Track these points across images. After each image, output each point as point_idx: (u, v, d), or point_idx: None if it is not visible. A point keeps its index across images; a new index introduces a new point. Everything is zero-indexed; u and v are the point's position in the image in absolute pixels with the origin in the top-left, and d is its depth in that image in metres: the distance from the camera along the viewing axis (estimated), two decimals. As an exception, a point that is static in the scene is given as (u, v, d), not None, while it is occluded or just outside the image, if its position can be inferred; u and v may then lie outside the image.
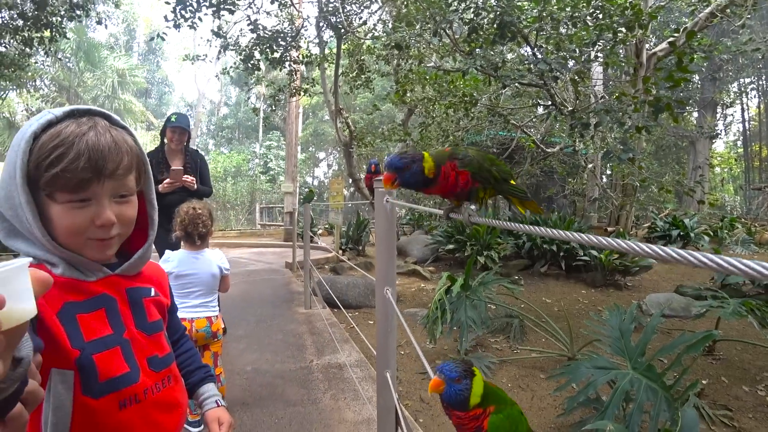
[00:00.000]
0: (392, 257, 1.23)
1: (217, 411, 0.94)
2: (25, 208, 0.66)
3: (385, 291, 1.23)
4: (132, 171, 0.73)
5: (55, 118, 0.68)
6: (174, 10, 6.41)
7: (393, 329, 1.31)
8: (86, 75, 19.51)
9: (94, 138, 0.67)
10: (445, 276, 3.62)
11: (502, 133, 10.84)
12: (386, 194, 1.18)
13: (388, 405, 1.51)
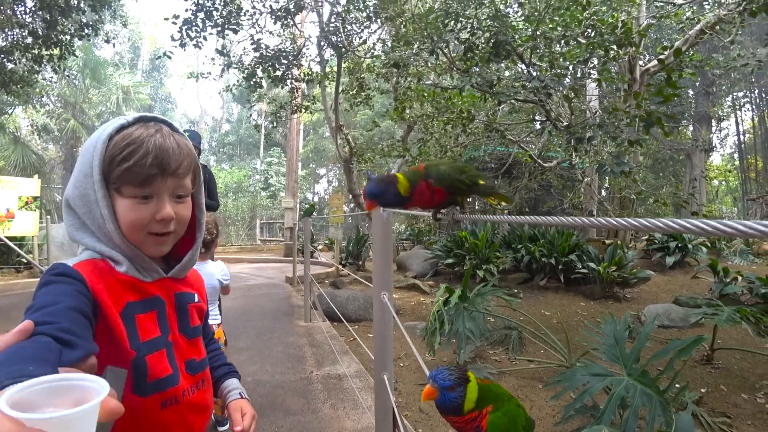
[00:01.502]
0: (388, 263, 1.30)
1: (240, 402, 0.97)
2: (101, 203, 0.72)
3: (382, 296, 1.29)
4: (189, 173, 0.80)
5: (126, 122, 0.76)
6: (180, 30, 6.60)
7: (389, 333, 1.37)
8: (92, 91, 19.86)
9: (161, 139, 0.74)
10: (443, 288, 3.68)
11: (499, 148, 10.98)
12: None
13: (385, 408, 1.56)
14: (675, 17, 6.50)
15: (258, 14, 7.72)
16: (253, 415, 0.97)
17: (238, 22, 7.01)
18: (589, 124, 5.37)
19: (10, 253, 8.77)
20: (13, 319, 5.19)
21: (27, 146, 17.83)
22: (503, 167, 10.88)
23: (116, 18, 9.92)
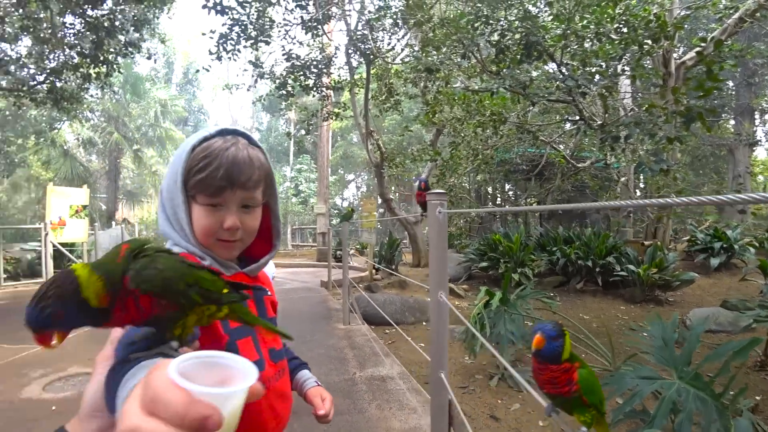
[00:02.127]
0: (444, 263, 1.35)
1: (318, 388, 1.04)
2: (182, 208, 0.80)
3: (439, 295, 1.34)
4: (260, 185, 0.84)
5: (209, 135, 0.82)
6: (217, 44, 6.87)
7: (446, 331, 1.42)
8: (132, 105, 20.91)
9: (234, 153, 0.79)
10: (484, 291, 3.68)
11: (530, 150, 10.83)
12: (439, 205, 1.30)
13: (441, 404, 1.60)
14: (712, 7, 6.26)
15: (289, 26, 7.95)
16: (331, 399, 1.05)
17: (269, 34, 7.25)
18: (624, 122, 5.25)
19: (62, 257, 9.30)
20: None
21: (75, 158, 18.94)
22: (536, 169, 10.73)
23: (155, 36, 10.41)
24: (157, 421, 0.28)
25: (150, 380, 0.30)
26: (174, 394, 0.28)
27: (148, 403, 0.28)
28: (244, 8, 6.98)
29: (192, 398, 0.28)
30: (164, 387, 0.29)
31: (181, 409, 0.28)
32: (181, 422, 0.28)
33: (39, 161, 18.16)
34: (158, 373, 0.30)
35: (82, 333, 3.43)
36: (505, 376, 3.70)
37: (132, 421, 0.28)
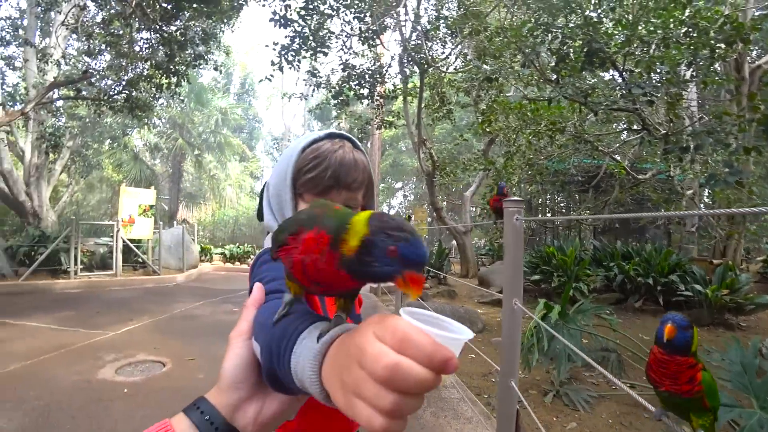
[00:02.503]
0: (519, 270, 1.35)
1: None
2: (289, 204, 0.86)
3: (513, 302, 1.34)
4: (362, 187, 0.88)
5: (318, 137, 0.87)
6: (279, 55, 7.23)
7: (518, 339, 1.41)
8: (195, 113, 22.34)
9: (342, 155, 0.83)
10: (542, 303, 3.58)
11: (587, 160, 10.42)
12: (516, 212, 1.31)
13: (508, 414, 1.59)
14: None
15: (346, 37, 8.21)
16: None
17: (328, 45, 7.54)
18: (695, 131, 4.95)
19: (130, 253, 10.01)
20: (134, 309, 5.96)
21: (143, 162, 20.49)
22: (592, 180, 10.30)
23: (220, 48, 11.08)
24: (411, 360, 0.31)
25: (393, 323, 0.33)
26: (423, 337, 0.31)
27: (398, 343, 0.31)
28: (306, 21, 7.31)
29: (436, 342, 0.32)
30: (413, 329, 0.32)
31: (430, 350, 0.31)
32: (429, 362, 0.31)
33: (112, 164, 19.79)
34: (399, 320, 0.33)
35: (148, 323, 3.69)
36: (560, 393, 3.57)
37: (390, 358, 0.31)
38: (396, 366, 0.30)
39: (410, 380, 0.30)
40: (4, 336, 4.21)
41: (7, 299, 6.25)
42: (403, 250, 0.39)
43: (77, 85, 9.91)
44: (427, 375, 0.31)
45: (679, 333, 1.13)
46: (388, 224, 0.40)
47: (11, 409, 2.68)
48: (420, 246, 0.39)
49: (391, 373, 0.30)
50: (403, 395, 0.31)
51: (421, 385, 0.31)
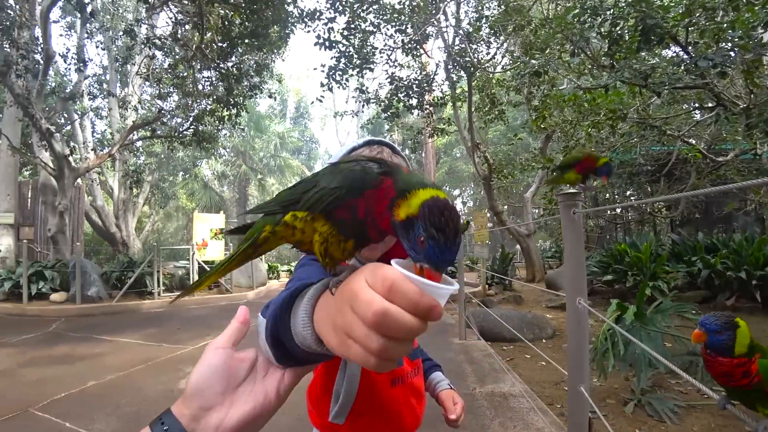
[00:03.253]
0: (581, 267, 1.26)
1: (450, 392, 1.04)
2: None
3: (577, 302, 1.26)
4: None
5: (357, 145, 0.88)
6: (327, 76, 7.52)
7: (586, 341, 1.32)
8: (255, 140, 23.84)
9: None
10: (615, 304, 3.33)
11: (655, 148, 9.62)
12: (574, 206, 1.24)
13: (580, 422, 1.48)
14: None
15: (390, 51, 8.36)
16: (463, 405, 1.02)
17: (373, 60, 7.71)
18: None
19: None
20: (211, 325, 6.36)
21: (212, 189, 22.15)
22: (663, 168, 9.48)
23: (273, 77, 11.74)
24: (397, 307, 0.33)
25: (383, 272, 0.35)
26: (409, 285, 0.33)
27: (387, 290, 0.33)
28: (349, 40, 7.55)
29: (421, 290, 0.33)
30: (401, 279, 0.34)
31: (416, 297, 0.33)
32: (415, 309, 0.33)
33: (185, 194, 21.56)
34: (386, 267, 0.35)
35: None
36: (642, 402, 3.27)
37: (380, 304, 0.33)
38: (384, 312, 0.32)
39: (397, 326, 0.32)
40: (101, 351, 4.71)
41: (104, 319, 6.98)
42: (429, 248, 0.40)
43: (152, 126, 10.96)
44: (413, 321, 0.33)
45: (710, 337, 1.09)
46: (433, 216, 0.40)
47: (109, 415, 2.98)
48: (446, 252, 0.40)
49: (379, 318, 0.32)
50: (391, 339, 0.33)
51: (407, 331, 0.33)
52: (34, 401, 3.23)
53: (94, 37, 12.84)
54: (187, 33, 8.96)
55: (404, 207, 0.43)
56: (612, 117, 6.05)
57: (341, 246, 0.49)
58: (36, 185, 11.82)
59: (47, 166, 9.43)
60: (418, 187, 0.44)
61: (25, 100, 8.23)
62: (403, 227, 0.43)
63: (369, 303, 0.33)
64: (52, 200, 9.75)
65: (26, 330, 5.98)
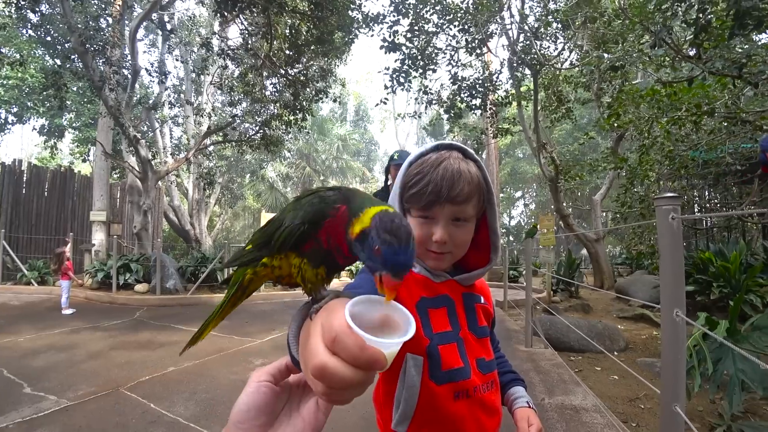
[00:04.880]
0: (680, 277, 1.15)
1: (527, 411, 0.95)
2: None
3: (674, 314, 1.16)
4: (471, 199, 0.82)
5: (426, 150, 0.86)
6: (391, 79, 7.59)
7: (683, 356, 1.21)
8: (318, 143, 24.71)
9: (444, 167, 0.81)
10: (703, 317, 3.04)
11: (746, 145, 8.65)
12: (672, 211, 1.13)
13: (673, 445, 1.36)
14: None
15: (453, 51, 8.26)
16: (539, 428, 0.92)
17: (436, 60, 7.67)
18: None
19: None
20: (276, 320, 6.66)
21: (277, 190, 23.25)
22: (756, 168, 8.49)
23: (336, 81, 12.08)
24: (338, 359, 0.35)
25: (330, 323, 0.37)
26: (351, 339, 0.35)
27: (329, 343, 0.35)
28: (413, 42, 7.56)
29: (364, 344, 0.35)
30: (343, 331, 0.35)
31: (356, 351, 0.34)
32: (355, 362, 0.34)
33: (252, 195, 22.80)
34: (337, 315, 0.37)
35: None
36: (734, 429, 2.94)
37: (320, 358, 0.35)
38: (322, 367, 0.35)
39: (335, 379, 0.34)
40: (178, 339, 5.11)
41: (180, 309, 7.56)
42: (385, 253, 0.43)
43: (224, 131, 11.70)
44: (352, 374, 0.34)
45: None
46: (385, 225, 0.44)
47: (187, 399, 3.21)
48: (402, 254, 0.43)
49: (318, 372, 0.35)
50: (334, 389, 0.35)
51: (346, 384, 0.34)
52: (123, 382, 3.56)
53: (173, 52, 13.97)
54: (256, 42, 9.47)
55: (357, 224, 0.46)
56: (696, 113, 5.52)
57: (314, 272, 0.53)
58: (124, 186, 13.09)
59: (134, 170, 10.39)
60: (368, 206, 0.47)
61: (116, 111, 9.13)
62: (359, 242, 0.46)
63: (313, 354, 0.36)
64: (137, 200, 10.72)
65: (115, 316, 6.62)
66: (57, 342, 4.91)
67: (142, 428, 2.71)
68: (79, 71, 9.43)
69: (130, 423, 2.78)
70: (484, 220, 0.89)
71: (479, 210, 0.87)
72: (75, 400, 3.12)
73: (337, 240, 0.50)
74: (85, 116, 16.50)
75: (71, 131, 17.72)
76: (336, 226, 0.50)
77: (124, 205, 13.55)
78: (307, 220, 0.51)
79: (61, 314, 6.65)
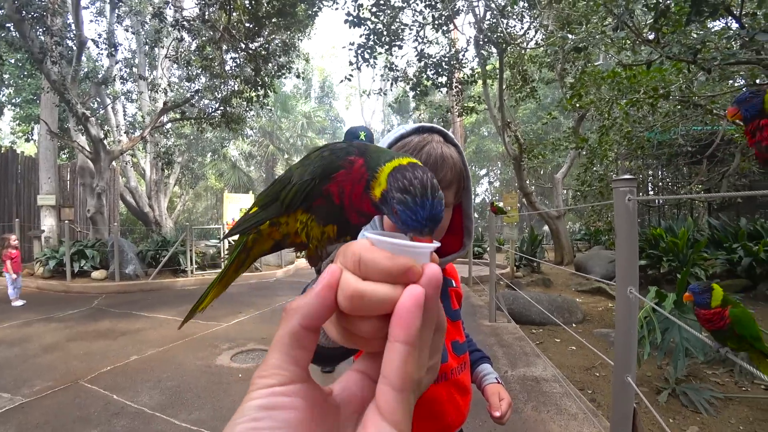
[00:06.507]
0: (634, 255, 1.21)
1: (497, 386, 1.00)
2: None
3: (628, 290, 1.22)
4: (453, 185, 0.81)
5: (406, 132, 0.82)
6: (356, 54, 7.41)
7: (634, 330, 1.28)
8: (282, 121, 24.04)
9: (428, 151, 0.78)
10: (653, 291, 3.24)
11: (697, 128, 9.13)
12: (628, 193, 1.18)
13: (625, 412, 1.45)
14: None
15: (419, 27, 8.14)
16: (510, 402, 0.97)
17: (402, 37, 7.54)
18: None
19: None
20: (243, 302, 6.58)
21: (240, 170, 22.56)
22: (705, 150, 9.02)
23: (300, 57, 11.69)
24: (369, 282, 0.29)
25: (351, 249, 0.31)
26: (377, 253, 0.30)
27: (355, 267, 0.30)
28: (378, 17, 7.39)
29: (391, 254, 0.30)
30: (367, 249, 0.30)
31: (387, 263, 0.29)
32: (389, 276, 0.29)
33: (214, 174, 22.03)
34: (357, 242, 0.32)
35: (255, 316, 4.05)
36: (677, 392, 3.19)
37: (353, 286, 0.29)
38: (359, 294, 0.28)
39: (375, 302, 0.28)
40: (141, 326, 4.94)
41: (141, 295, 7.31)
42: (402, 214, 0.40)
43: (182, 108, 11.14)
44: (391, 291, 0.28)
45: (696, 297, 1.62)
46: (397, 181, 0.41)
47: (151, 388, 3.13)
48: (419, 211, 0.39)
49: (357, 301, 0.28)
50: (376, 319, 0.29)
51: (385, 303, 0.28)
52: (83, 374, 3.42)
53: (123, 21, 13.03)
54: (214, 14, 8.97)
55: (377, 185, 0.44)
56: (653, 95, 5.74)
57: (321, 229, 0.50)
58: (74, 168, 12.31)
59: (84, 150, 9.77)
60: (384, 162, 0.44)
61: (60, 86, 8.48)
62: (383, 204, 0.43)
63: (343, 288, 0.29)
64: (90, 182, 10.13)
65: (71, 306, 6.32)
66: (7, 336, 4.64)
67: (105, 420, 2.63)
68: (15, 41, 8.65)
69: (91, 416, 2.69)
70: (459, 205, 0.88)
71: (458, 196, 0.85)
72: (31, 397, 2.99)
73: (353, 196, 0.47)
74: (26, 92, 15.27)
75: (11, 108, 16.39)
76: (353, 181, 0.46)
77: (76, 188, 12.78)
78: (317, 175, 0.48)
79: (11, 306, 6.28)
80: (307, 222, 0.50)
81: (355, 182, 0.46)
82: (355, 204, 0.47)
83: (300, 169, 0.51)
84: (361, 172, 0.46)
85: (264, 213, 0.54)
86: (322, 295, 0.29)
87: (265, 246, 0.57)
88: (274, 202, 0.52)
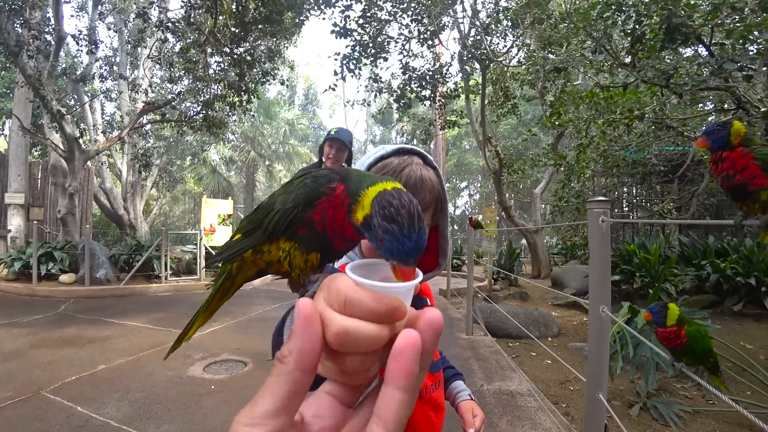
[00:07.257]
0: (607, 275, 1.24)
1: (470, 403, 1.01)
2: None
3: (601, 309, 1.25)
4: (430, 207, 0.83)
5: (386, 153, 0.83)
6: (341, 65, 7.45)
7: (606, 348, 1.31)
8: (265, 127, 23.86)
9: (407, 174, 0.79)
10: (627, 306, 3.31)
11: (669, 148, 9.50)
12: (602, 214, 1.21)
13: (596, 428, 1.48)
14: None
15: (405, 40, 8.25)
16: (483, 418, 0.99)
17: (388, 50, 7.63)
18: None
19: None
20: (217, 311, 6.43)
21: (220, 174, 22.21)
22: (676, 170, 9.36)
23: (285, 63, 11.66)
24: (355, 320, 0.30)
25: (335, 287, 0.32)
26: (362, 294, 0.30)
27: (341, 307, 0.30)
28: (365, 29, 7.46)
29: (378, 294, 0.31)
30: (352, 289, 0.31)
31: (373, 304, 0.30)
32: (376, 315, 0.30)
33: (193, 178, 21.63)
34: (340, 279, 0.32)
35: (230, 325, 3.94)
36: (648, 405, 3.27)
37: (339, 323, 0.29)
38: (344, 331, 0.29)
39: (361, 340, 0.29)
40: (111, 334, 4.76)
41: (112, 301, 7.06)
42: (387, 244, 0.39)
43: (162, 110, 10.94)
44: (377, 330, 0.30)
45: (654, 316, 1.65)
46: (383, 209, 0.40)
47: (119, 400, 3.01)
48: (405, 242, 0.39)
49: (343, 338, 0.29)
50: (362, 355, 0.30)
51: (373, 342, 0.30)
52: (46, 383, 3.27)
53: (106, 19, 12.78)
54: (200, 17, 8.89)
55: (359, 209, 0.43)
56: (629, 116, 5.96)
57: (304, 258, 0.49)
58: (46, 166, 11.89)
59: (58, 148, 9.46)
60: (367, 186, 0.44)
61: (36, 81, 8.23)
62: (365, 228, 0.43)
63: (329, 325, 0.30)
64: (62, 181, 9.80)
65: (36, 310, 6.06)
66: (-36, 340, 4.42)
67: (67, 433, 2.52)
68: (-10, 34, 8.36)
69: (53, 429, 2.57)
70: (436, 226, 0.89)
71: (435, 218, 0.86)
72: (-13, 406, 2.84)
73: (335, 222, 0.47)
74: (-2, 85, 14.76)
75: (-19, 101, 15.78)
76: (334, 207, 0.46)
77: (47, 187, 12.33)
78: (300, 202, 0.48)
79: (-30, 308, 5.99)
80: (290, 250, 0.50)
81: (336, 208, 0.46)
82: (338, 230, 0.47)
83: (283, 196, 0.51)
84: (342, 197, 0.46)
85: (247, 240, 0.54)
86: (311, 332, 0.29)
87: (250, 273, 0.57)
88: (257, 229, 0.52)
